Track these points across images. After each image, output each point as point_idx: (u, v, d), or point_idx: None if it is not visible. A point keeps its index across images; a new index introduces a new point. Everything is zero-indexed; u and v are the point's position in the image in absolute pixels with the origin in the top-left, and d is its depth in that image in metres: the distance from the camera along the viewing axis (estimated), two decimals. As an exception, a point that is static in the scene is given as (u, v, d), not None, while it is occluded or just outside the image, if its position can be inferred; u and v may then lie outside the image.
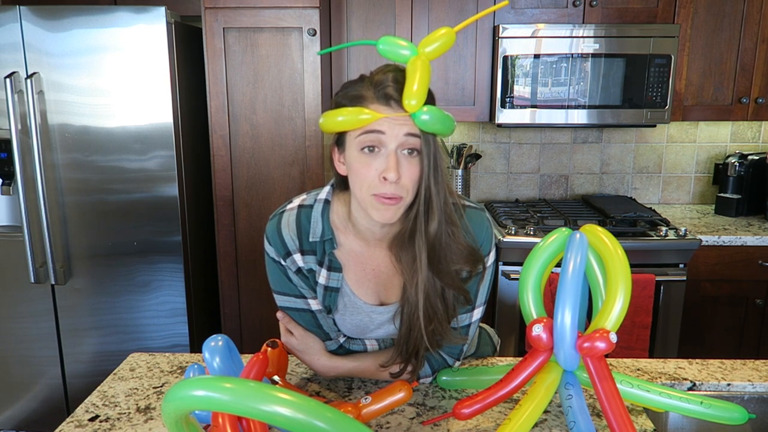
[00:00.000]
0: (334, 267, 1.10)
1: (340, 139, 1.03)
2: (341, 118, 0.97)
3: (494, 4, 2.47)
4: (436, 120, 0.97)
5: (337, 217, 1.11)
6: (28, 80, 2.12)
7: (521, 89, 2.45)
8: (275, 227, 1.10)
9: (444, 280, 1.04)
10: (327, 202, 1.11)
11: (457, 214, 1.05)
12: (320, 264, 1.10)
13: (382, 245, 1.11)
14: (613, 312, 0.92)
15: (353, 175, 1.01)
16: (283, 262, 1.11)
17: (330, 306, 1.13)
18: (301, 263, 1.10)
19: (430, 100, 0.99)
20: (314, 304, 1.14)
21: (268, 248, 1.12)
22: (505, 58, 2.42)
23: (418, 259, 1.02)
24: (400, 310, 1.08)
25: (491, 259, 1.13)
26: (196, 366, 0.96)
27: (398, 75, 0.98)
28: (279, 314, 1.16)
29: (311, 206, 1.10)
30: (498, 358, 1.32)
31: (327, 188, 1.13)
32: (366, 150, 0.98)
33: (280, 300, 1.15)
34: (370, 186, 0.98)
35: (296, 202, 1.12)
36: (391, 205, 0.99)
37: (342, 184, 1.10)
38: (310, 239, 1.09)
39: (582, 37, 2.40)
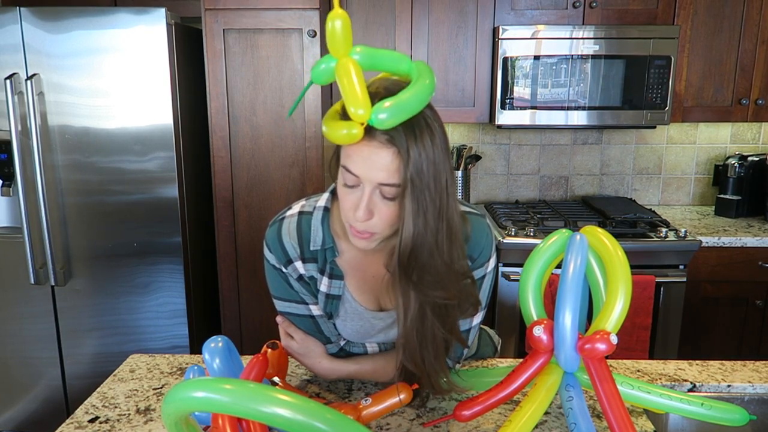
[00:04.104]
0: (336, 275, 1.09)
1: (338, 152, 1.01)
2: (324, 129, 0.93)
3: (494, 6, 2.47)
4: (398, 109, 0.84)
5: (338, 224, 1.08)
6: (28, 81, 2.12)
7: (521, 90, 2.45)
8: (276, 234, 1.08)
9: (436, 328, 0.99)
10: (326, 209, 1.08)
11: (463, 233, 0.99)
12: (321, 272, 1.09)
13: (382, 252, 1.08)
14: (614, 313, 0.92)
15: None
16: (284, 270, 1.09)
17: (331, 312, 1.12)
18: (302, 271, 1.09)
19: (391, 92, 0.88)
20: (315, 310, 1.12)
21: (269, 255, 1.10)
22: (505, 59, 2.42)
23: (408, 307, 0.97)
24: (398, 341, 1.03)
25: (491, 264, 1.11)
26: (196, 367, 0.96)
27: (379, 90, 0.89)
28: (278, 318, 1.15)
29: (311, 213, 1.08)
30: (498, 360, 1.32)
31: (326, 195, 1.10)
32: (346, 183, 0.96)
33: (280, 305, 1.14)
34: (346, 215, 0.97)
35: (296, 208, 1.10)
36: (363, 239, 0.97)
37: None
38: (311, 247, 1.07)
39: (582, 38, 2.40)
